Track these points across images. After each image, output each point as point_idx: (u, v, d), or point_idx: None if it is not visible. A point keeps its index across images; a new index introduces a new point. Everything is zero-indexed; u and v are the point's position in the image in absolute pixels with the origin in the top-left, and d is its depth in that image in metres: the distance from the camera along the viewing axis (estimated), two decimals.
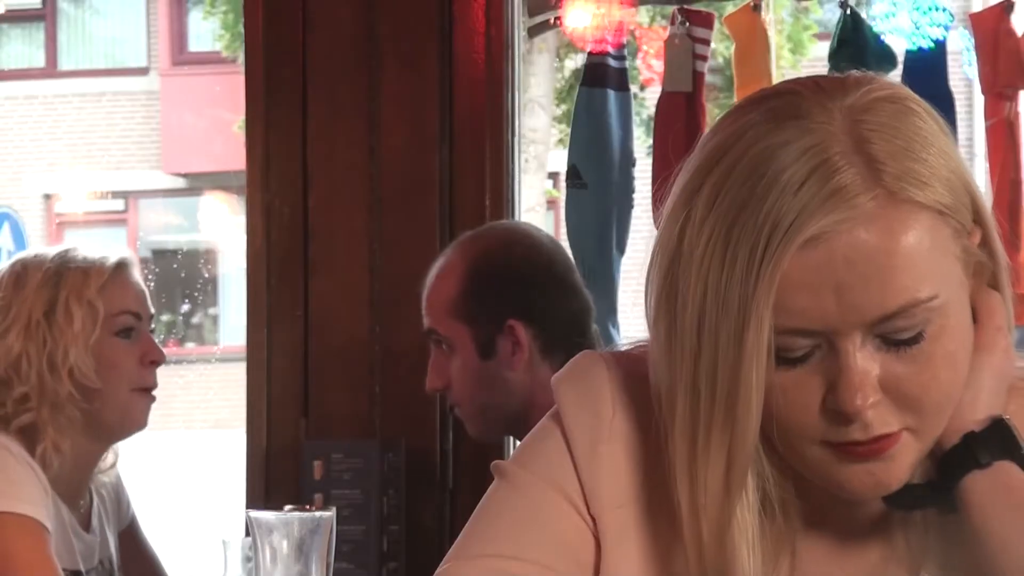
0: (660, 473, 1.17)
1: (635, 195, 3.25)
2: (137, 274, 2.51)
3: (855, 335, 1.09)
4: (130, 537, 2.60)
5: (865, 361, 1.09)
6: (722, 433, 1.11)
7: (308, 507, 1.97)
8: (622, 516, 1.17)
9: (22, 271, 2.44)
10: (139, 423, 2.48)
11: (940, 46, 3.28)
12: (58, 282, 2.42)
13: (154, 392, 2.49)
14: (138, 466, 3.03)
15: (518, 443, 1.28)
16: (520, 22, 3.00)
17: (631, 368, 1.21)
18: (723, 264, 1.09)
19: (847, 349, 1.09)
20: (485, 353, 2.36)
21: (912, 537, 1.19)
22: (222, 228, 15.26)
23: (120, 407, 2.44)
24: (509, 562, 1.16)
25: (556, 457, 1.20)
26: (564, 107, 11.09)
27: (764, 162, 1.09)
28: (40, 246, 2.56)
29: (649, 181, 3.21)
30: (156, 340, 2.52)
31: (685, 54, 3.19)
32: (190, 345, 15.25)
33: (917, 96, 1.15)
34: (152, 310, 2.53)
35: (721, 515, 1.12)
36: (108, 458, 2.56)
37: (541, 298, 2.36)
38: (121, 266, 2.48)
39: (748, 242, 1.08)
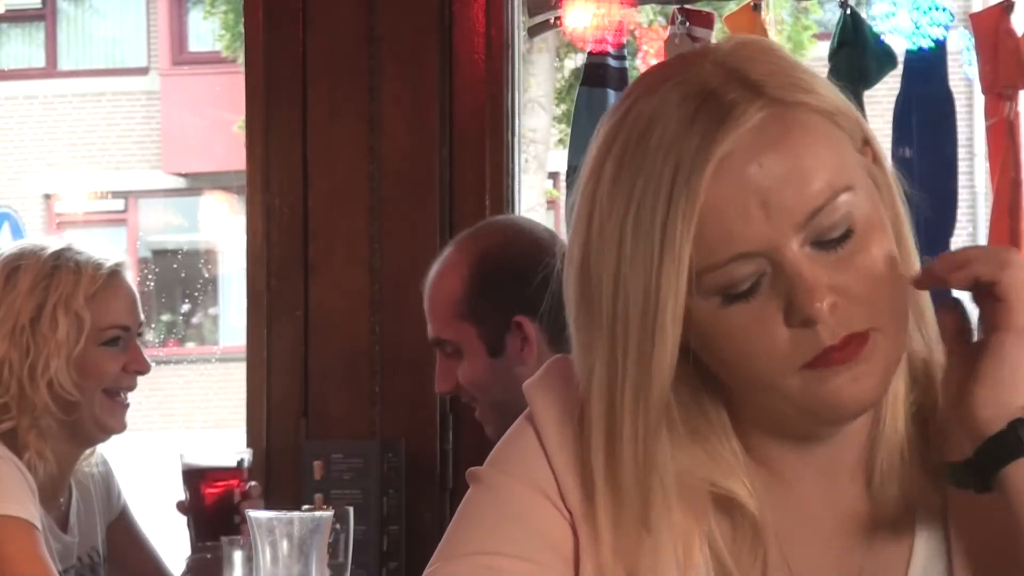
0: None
1: None
2: (130, 281, 2.49)
3: (792, 244, 1.11)
4: (122, 526, 2.60)
5: (811, 265, 1.11)
6: (636, 384, 1.14)
7: (326, 506, 1.98)
8: (593, 508, 1.19)
9: (14, 270, 2.42)
10: (115, 429, 2.47)
11: (940, 46, 3.29)
12: (48, 286, 2.40)
13: (128, 399, 2.48)
14: (138, 466, 3.03)
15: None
16: (520, 22, 3.00)
17: None
18: (631, 217, 1.12)
19: (790, 259, 1.11)
20: (494, 351, 2.36)
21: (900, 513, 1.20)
22: (222, 228, 15.27)
23: (94, 413, 2.43)
24: (493, 558, 1.18)
25: (530, 455, 1.22)
26: (564, 107, 11.09)
27: (652, 122, 1.14)
28: (39, 239, 2.53)
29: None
30: (156, 337, 2.52)
31: None
32: (190, 345, 15.24)
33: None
34: (142, 317, 2.52)
35: (640, 479, 1.16)
36: (85, 451, 2.55)
37: (544, 290, 2.36)
38: (113, 275, 2.46)
39: (653, 185, 1.12)
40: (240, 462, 2.43)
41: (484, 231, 2.47)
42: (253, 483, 2.45)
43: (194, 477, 2.42)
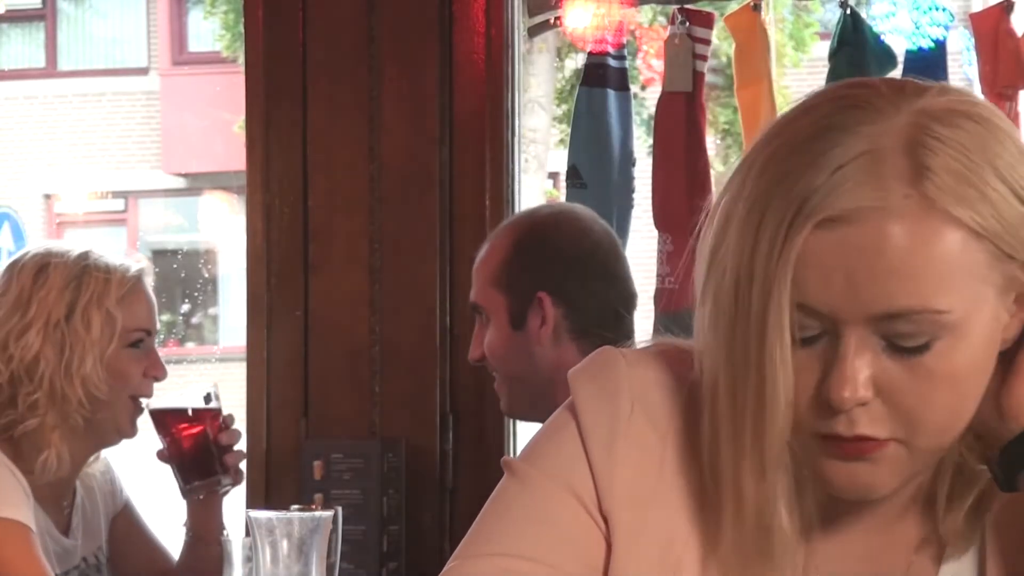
0: (675, 474, 1.16)
1: (635, 195, 3.25)
2: (150, 286, 2.52)
3: (859, 328, 1.07)
4: (126, 519, 2.61)
5: (862, 356, 1.07)
6: (756, 409, 1.09)
7: (312, 507, 1.98)
8: (635, 517, 1.16)
9: (43, 267, 2.44)
10: (130, 434, 2.50)
11: (940, 46, 3.28)
12: (79, 285, 2.43)
13: (144, 403, 2.51)
14: (138, 466, 3.03)
15: (538, 428, 1.25)
16: (520, 22, 3.00)
17: (650, 367, 1.20)
18: (755, 235, 1.08)
19: (847, 340, 1.07)
20: (516, 324, 2.39)
21: (942, 521, 1.18)
22: (222, 228, 15.26)
23: (119, 416, 2.45)
24: (516, 561, 1.15)
25: (569, 453, 1.18)
26: (564, 107, 11.09)
27: (814, 140, 1.08)
28: (59, 242, 2.55)
29: (649, 181, 3.22)
30: (156, 337, 2.54)
31: (685, 54, 3.19)
32: (190, 345, 15.24)
33: (1002, 115, 1.12)
34: (158, 325, 2.55)
35: (760, 495, 1.12)
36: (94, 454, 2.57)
37: (575, 279, 2.38)
38: (139, 279, 2.49)
39: (777, 216, 1.07)
40: (207, 396, 2.47)
41: (540, 211, 2.54)
42: (227, 413, 2.49)
43: (164, 420, 2.46)
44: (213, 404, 2.49)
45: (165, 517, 2.78)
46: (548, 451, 1.20)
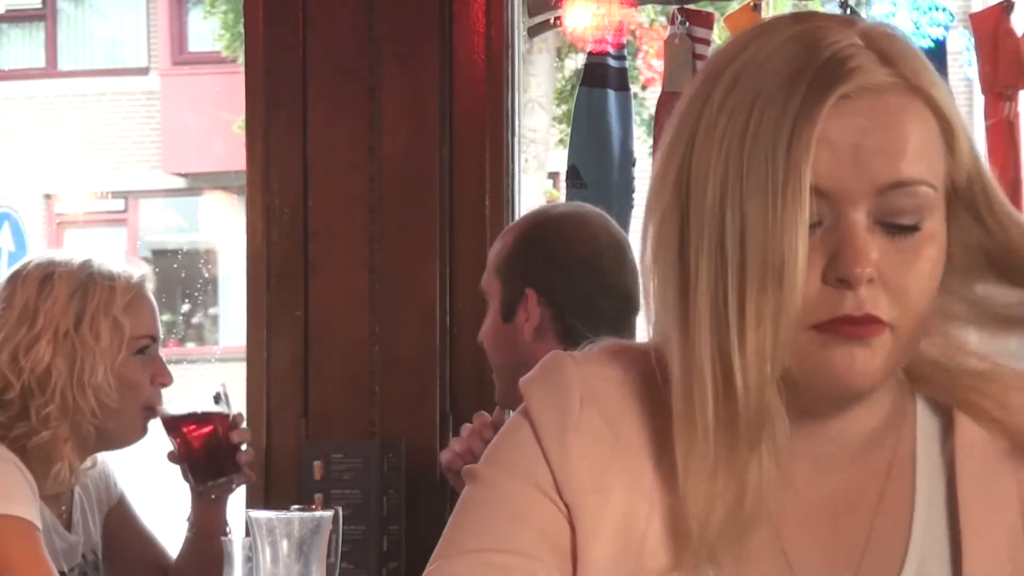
0: (630, 458, 1.20)
1: (635, 195, 3.25)
2: (152, 292, 2.53)
3: (862, 205, 1.13)
4: (120, 515, 2.61)
5: (867, 234, 1.13)
6: (760, 301, 1.12)
7: (312, 507, 1.98)
8: (596, 502, 1.19)
9: (47, 277, 2.43)
10: (139, 438, 2.51)
11: (940, 46, 3.29)
12: (85, 294, 2.42)
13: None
14: (138, 467, 3.03)
15: None
16: (520, 22, 3.00)
17: (598, 364, 1.24)
18: (747, 131, 1.12)
19: (853, 218, 1.13)
20: (506, 315, 2.42)
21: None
22: (222, 228, 15.27)
23: (130, 424, 2.46)
24: (493, 555, 1.18)
25: (526, 450, 1.22)
26: (564, 107, 11.10)
27: (784, 47, 1.14)
28: (61, 251, 2.54)
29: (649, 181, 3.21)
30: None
31: (685, 54, 3.19)
32: (190, 345, 15.24)
33: None
34: (161, 332, 2.56)
35: (761, 390, 1.13)
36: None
37: (565, 280, 2.39)
38: (142, 287, 2.49)
39: (775, 106, 1.12)
40: (216, 397, 2.47)
41: (552, 209, 2.58)
42: (236, 412, 2.49)
43: (176, 424, 2.47)
44: (222, 404, 2.49)
45: (160, 510, 2.77)
46: (506, 453, 1.24)
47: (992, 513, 1.19)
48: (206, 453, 2.47)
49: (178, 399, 2.51)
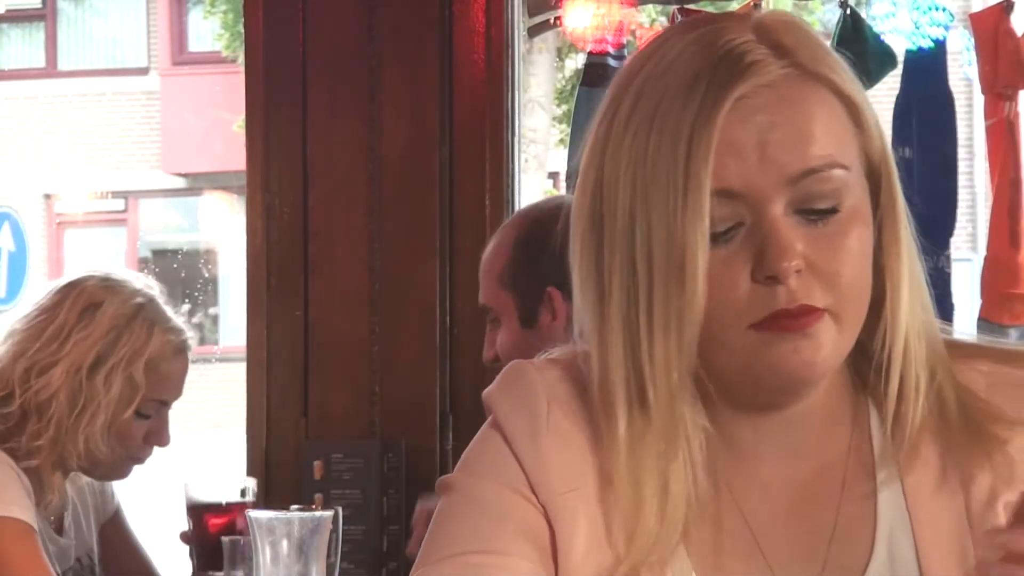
0: (600, 458, 1.21)
1: None
2: (188, 359, 2.49)
3: (778, 200, 1.14)
4: (114, 528, 2.61)
5: (789, 228, 1.14)
6: (665, 308, 1.15)
7: (312, 507, 1.98)
8: (571, 500, 1.21)
9: (94, 307, 2.41)
10: (122, 478, 2.51)
11: (940, 46, 3.29)
12: (117, 338, 2.39)
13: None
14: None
15: None
16: (520, 22, 3.00)
17: (560, 370, 1.26)
18: (649, 145, 1.15)
19: (772, 214, 1.14)
20: (527, 322, 2.38)
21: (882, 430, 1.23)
22: (222, 228, 15.27)
23: (113, 470, 2.46)
24: (477, 556, 1.19)
25: (498, 457, 1.24)
26: (564, 107, 11.09)
27: (679, 57, 1.17)
28: (126, 274, 2.50)
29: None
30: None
31: None
32: None
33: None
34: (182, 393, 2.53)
35: (672, 400, 1.16)
36: None
37: None
38: (180, 352, 2.45)
39: (673, 117, 1.14)
40: (243, 492, 2.43)
41: (539, 204, 2.52)
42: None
43: (198, 511, 2.41)
44: (248, 499, 2.44)
45: (157, 522, 2.76)
46: (480, 461, 1.25)
47: (937, 485, 1.21)
48: (217, 543, 2.42)
49: (206, 481, 2.44)
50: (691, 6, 3.25)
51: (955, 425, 1.22)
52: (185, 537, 2.43)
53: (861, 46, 3.18)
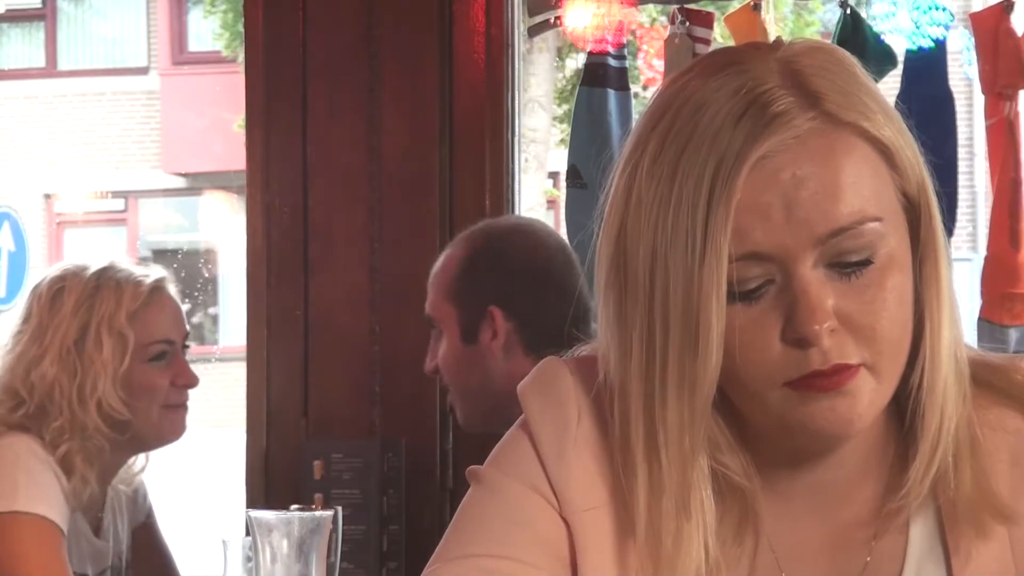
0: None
1: None
2: (172, 294, 2.51)
3: (807, 259, 1.11)
4: (146, 532, 2.61)
5: (819, 286, 1.11)
6: (679, 371, 1.13)
7: (312, 507, 1.97)
8: (595, 518, 1.19)
9: (59, 292, 2.43)
10: (175, 435, 2.49)
11: (940, 46, 3.28)
12: (91, 307, 2.42)
13: (187, 404, 2.50)
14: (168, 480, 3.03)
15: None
16: (520, 22, 3.00)
17: (593, 372, 1.23)
18: (671, 200, 1.12)
19: (801, 274, 1.11)
20: (467, 337, 2.39)
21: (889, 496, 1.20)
22: (222, 228, 15.26)
23: (152, 426, 2.45)
24: (492, 560, 1.18)
25: (526, 459, 1.22)
26: (564, 107, 11.09)
27: (703, 105, 1.13)
28: (79, 261, 2.53)
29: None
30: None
31: (685, 54, 3.19)
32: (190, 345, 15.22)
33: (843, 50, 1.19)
34: (188, 328, 2.53)
35: (684, 466, 1.14)
36: (136, 465, 2.57)
37: (526, 292, 2.37)
38: (155, 290, 2.47)
39: (694, 175, 1.11)
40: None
41: (496, 222, 2.53)
42: None
43: None
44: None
45: (170, 534, 2.75)
46: (510, 460, 1.24)
47: (982, 538, 1.18)
48: None
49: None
50: (691, 6, 3.24)
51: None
52: None
53: (861, 46, 3.18)
